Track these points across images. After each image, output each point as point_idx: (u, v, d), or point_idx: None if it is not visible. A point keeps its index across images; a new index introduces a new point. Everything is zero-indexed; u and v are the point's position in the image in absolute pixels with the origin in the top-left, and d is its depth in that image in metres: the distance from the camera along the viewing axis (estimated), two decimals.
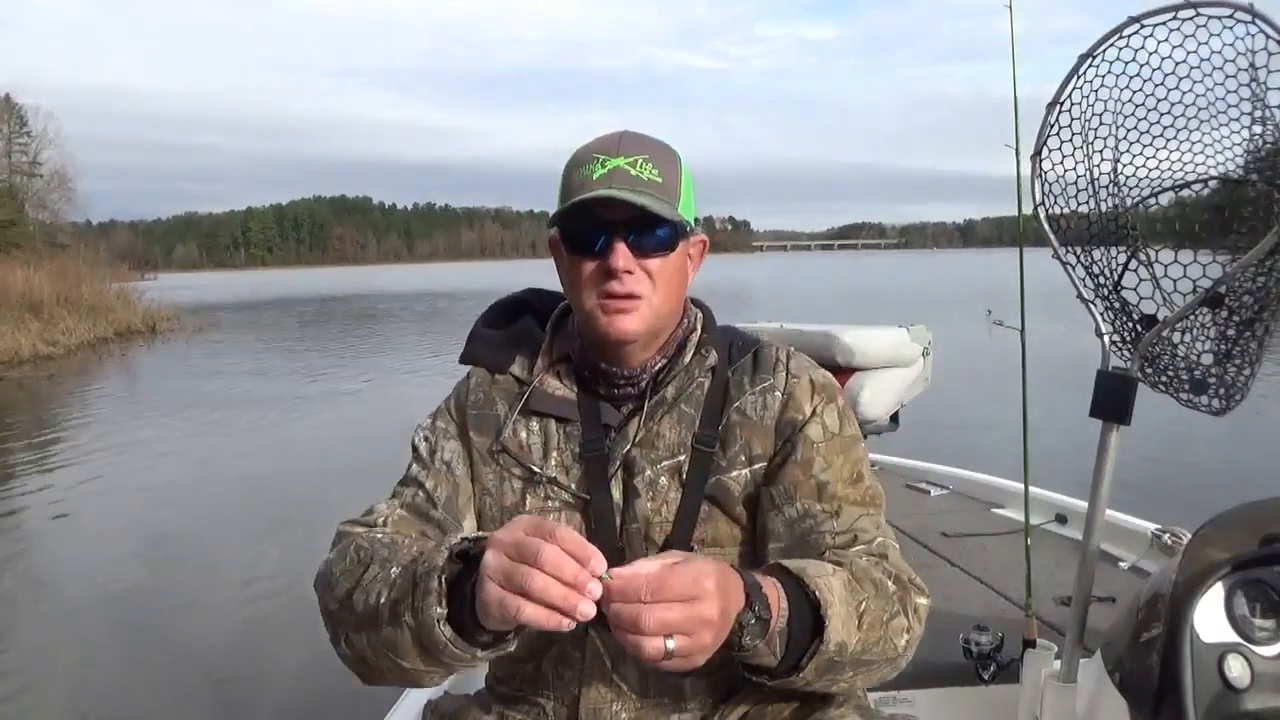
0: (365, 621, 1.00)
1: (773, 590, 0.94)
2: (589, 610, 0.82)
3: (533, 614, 0.82)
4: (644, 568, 0.86)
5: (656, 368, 1.21)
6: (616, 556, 1.15)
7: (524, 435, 1.22)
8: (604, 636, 1.16)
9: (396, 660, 0.99)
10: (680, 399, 1.20)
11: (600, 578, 0.84)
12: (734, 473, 1.18)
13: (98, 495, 7.62)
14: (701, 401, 1.20)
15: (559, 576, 0.82)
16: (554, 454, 1.20)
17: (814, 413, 1.19)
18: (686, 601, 0.83)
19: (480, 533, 0.98)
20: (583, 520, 1.18)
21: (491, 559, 0.86)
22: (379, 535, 1.11)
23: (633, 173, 1.11)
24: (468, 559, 0.94)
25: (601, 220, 1.12)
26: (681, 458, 1.18)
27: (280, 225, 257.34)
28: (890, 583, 1.07)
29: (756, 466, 1.18)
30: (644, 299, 1.14)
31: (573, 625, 0.83)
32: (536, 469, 1.20)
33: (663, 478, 1.18)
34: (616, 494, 1.18)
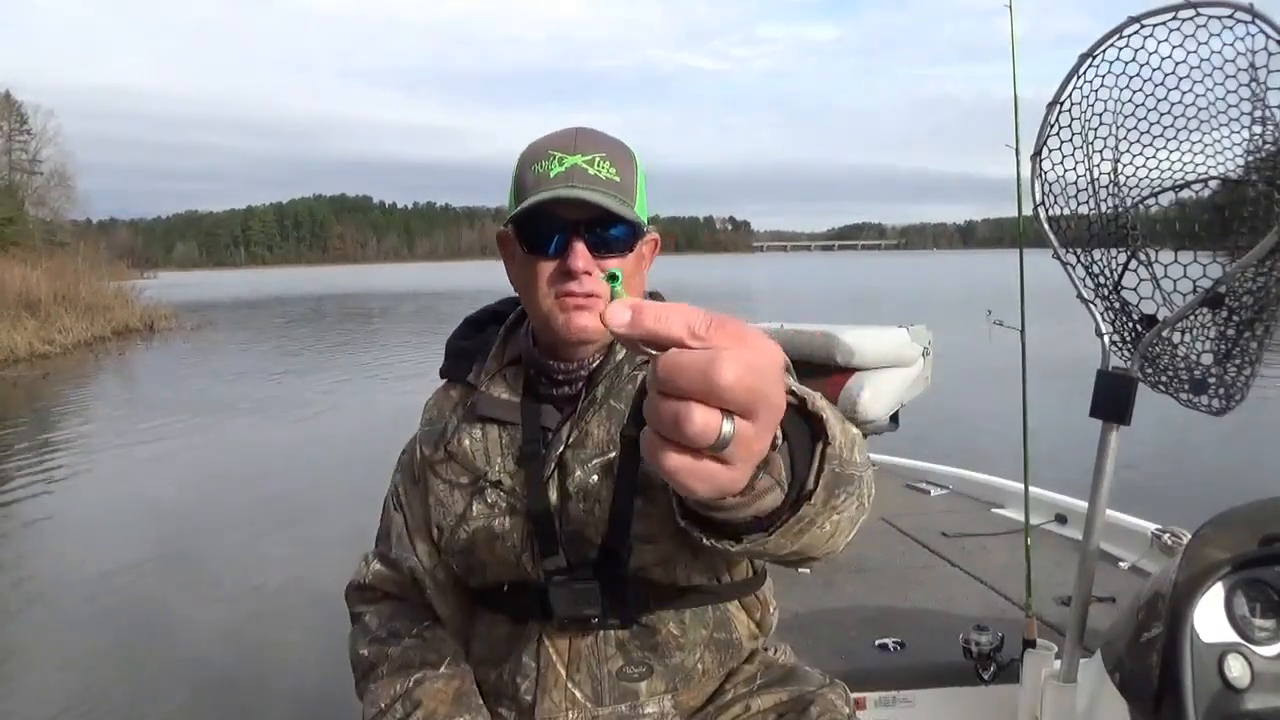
0: None
1: None
2: None
3: None
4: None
5: (593, 365, 1.18)
6: (556, 561, 1.15)
7: (468, 442, 1.21)
8: (558, 644, 1.16)
9: None
10: (610, 395, 1.17)
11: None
12: None
13: (91, 494, 7.61)
14: (633, 395, 1.17)
15: None
16: (496, 458, 1.19)
17: None
18: (758, 350, 0.52)
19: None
20: (524, 524, 1.17)
21: None
22: (373, 623, 1.26)
23: (591, 171, 1.09)
24: None
25: (560, 219, 1.09)
26: (612, 454, 1.14)
27: (280, 224, 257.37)
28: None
29: None
30: (603, 298, 1.11)
31: None
32: (480, 474, 1.19)
33: (594, 477, 1.14)
34: (554, 497, 1.16)
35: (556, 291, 1.11)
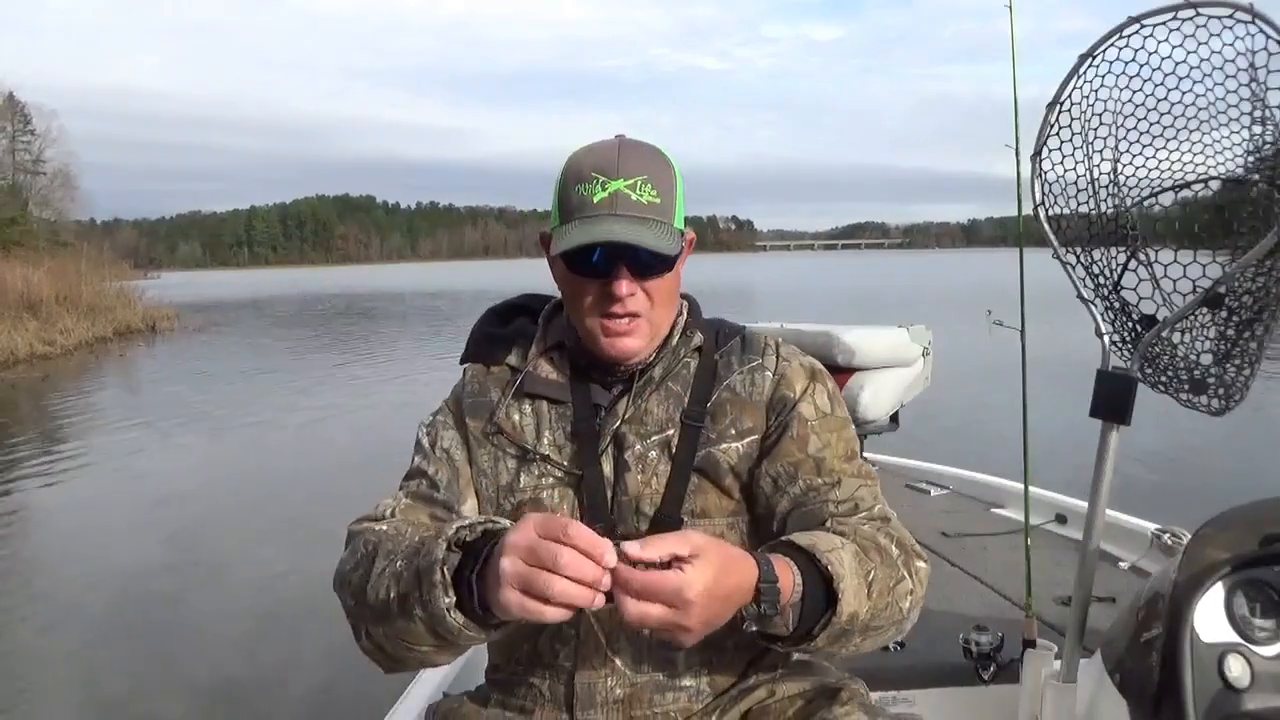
0: (379, 615, 1.04)
1: (785, 572, 0.97)
2: (601, 601, 0.87)
3: (555, 615, 0.87)
4: (654, 550, 0.88)
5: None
6: (608, 529, 1.18)
7: (517, 417, 1.25)
8: (599, 612, 1.18)
9: (413, 647, 1.04)
10: (667, 378, 1.24)
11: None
12: (723, 445, 1.21)
13: (89, 497, 7.58)
14: (689, 380, 1.24)
15: (580, 579, 0.86)
16: (546, 433, 1.24)
17: (806, 392, 1.24)
18: (668, 607, 0.87)
19: (479, 519, 1.01)
20: (575, 495, 1.21)
21: (508, 566, 0.88)
22: (384, 528, 1.14)
23: (633, 197, 1.13)
24: (466, 545, 0.98)
25: (604, 244, 1.13)
26: (670, 432, 1.21)
27: (284, 224, 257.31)
28: (894, 547, 1.11)
29: (747, 440, 1.21)
30: (644, 316, 1.18)
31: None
32: (530, 447, 1.23)
33: (652, 452, 1.20)
34: (607, 469, 1.21)
35: (601, 312, 1.17)
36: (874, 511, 1.16)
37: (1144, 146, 1.67)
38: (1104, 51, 1.65)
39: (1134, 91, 1.64)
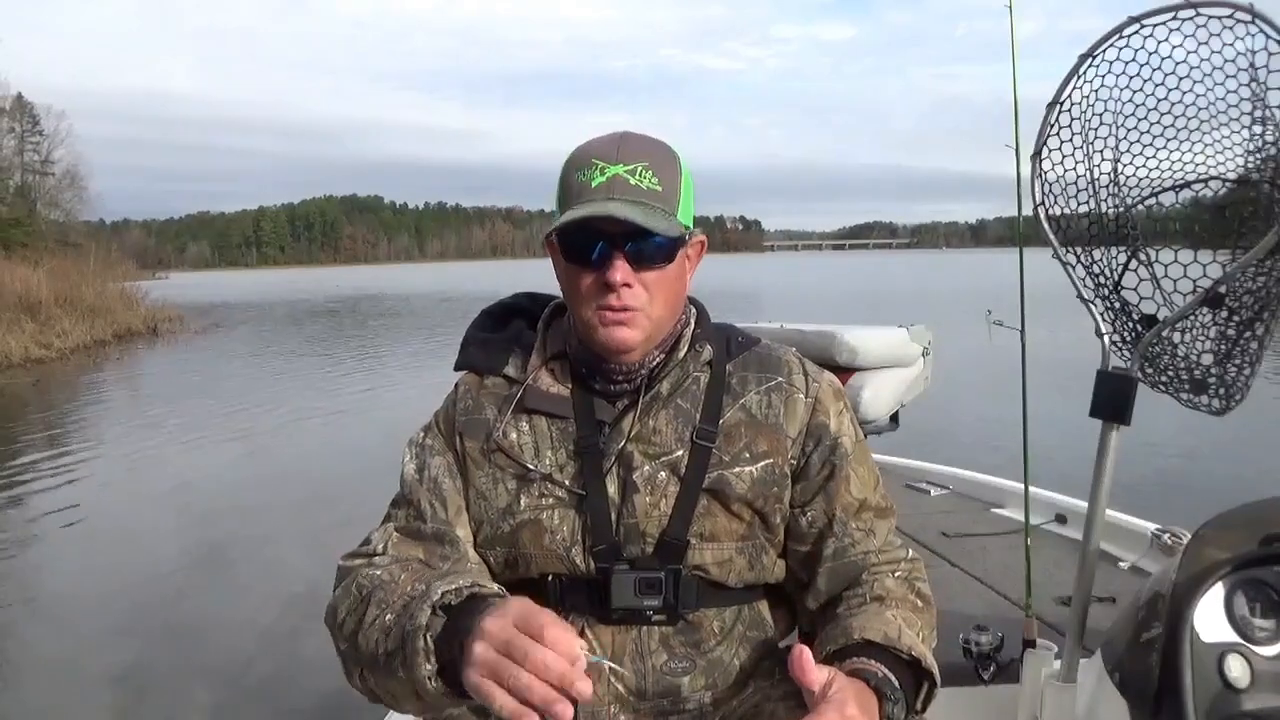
0: (370, 665, 1.03)
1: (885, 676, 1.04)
2: (567, 713, 0.83)
3: (512, 709, 0.84)
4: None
5: (654, 363, 1.20)
6: (612, 552, 1.16)
7: (514, 435, 1.20)
8: (602, 638, 1.16)
9: (399, 701, 1.03)
10: (676, 394, 1.19)
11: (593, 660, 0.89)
12: (737, 469, 1.17)
13: (73, 504, 7.53)
14: (699, 397, 1.20)
15: (545, 679, 0.83)
16: (547, 452, 1.19)
17: (841, 420, 1.23)
18: None
19: (465, 582, 0.99)
20: (577, 516, 1.17)
21: (479, 651, 0.87)
22: (377, 571, 1.10)
23: (632, 181, 1.10)
24: (452, 609, 0.96)
25: (600, 232, 1.10)
26: (680, 453, 1.17)
27: (292, 224, 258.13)
28: (920, 601, 1.19)
29: (761, 465, 1.18)
30: (641, 310, 1.13)
31: None
32: (530, 467, 1.18)
33: (661, 473, 1.16)
34: (612, 489, 1.16)
35: (596, 304, 1.13)
36: (906, 555, 1.23)
37: (1144, 146, 1.66)
38: (1104, 51, 1.64)
39: (1134, 91, 1.64)
